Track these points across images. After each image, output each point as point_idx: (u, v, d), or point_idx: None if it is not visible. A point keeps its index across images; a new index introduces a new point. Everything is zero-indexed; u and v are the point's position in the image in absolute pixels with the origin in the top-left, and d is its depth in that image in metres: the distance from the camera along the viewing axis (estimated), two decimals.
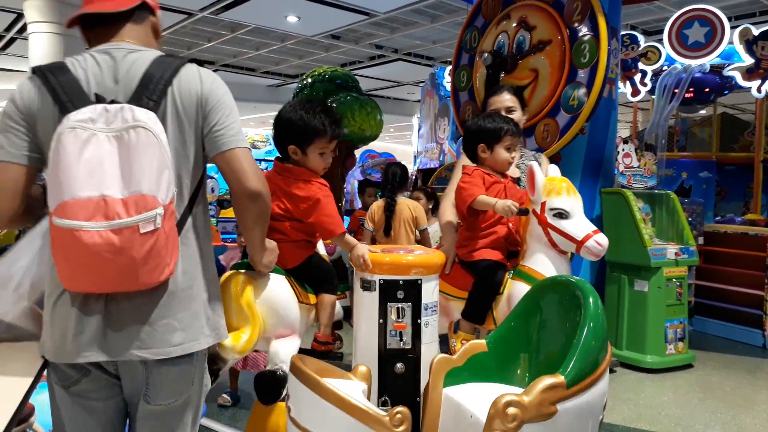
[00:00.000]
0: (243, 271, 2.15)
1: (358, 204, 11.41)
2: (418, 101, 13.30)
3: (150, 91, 1.49)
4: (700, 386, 4.62)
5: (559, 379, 1.57)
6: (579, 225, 2.31)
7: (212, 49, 14.68)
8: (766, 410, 4.13)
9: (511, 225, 2.58)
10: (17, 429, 2.07)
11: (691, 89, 7.32)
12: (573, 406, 1.59)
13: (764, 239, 5.88)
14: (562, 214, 2.33)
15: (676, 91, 7.07)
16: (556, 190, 2.36)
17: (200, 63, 1.65)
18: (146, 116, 1.42)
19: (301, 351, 2.21)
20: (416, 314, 2.07)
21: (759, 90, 6.71)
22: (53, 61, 1.62)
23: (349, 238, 2.25)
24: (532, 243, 2.43)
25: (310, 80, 7.16)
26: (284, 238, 2.21)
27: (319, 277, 2.32)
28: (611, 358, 1.78)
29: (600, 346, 1.70)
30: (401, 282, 2.07)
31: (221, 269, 2.04)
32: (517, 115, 2.90)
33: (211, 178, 12.66)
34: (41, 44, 11.00)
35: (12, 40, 14.41)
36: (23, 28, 12.20)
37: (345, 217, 9.56)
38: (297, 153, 2.25)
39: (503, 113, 2.84)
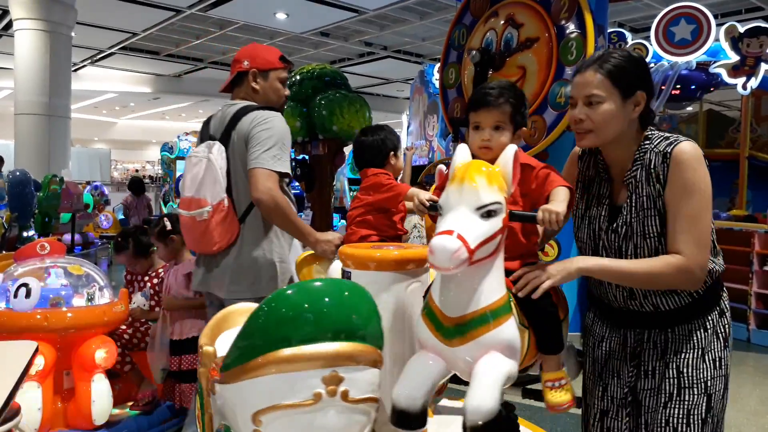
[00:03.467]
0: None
1: (348, 202, 11.41)
2: (408, 98, 13.31)
3: (224, 132, 2.47)
4: None
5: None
6: (441, 224, 1.61)
7: (201, 46, 14.61)
8: (750, 404, 4.18)
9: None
10: (3, 428, 2.06)
11: (677, 86, 7.38)
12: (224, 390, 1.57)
13: (749, 235, 5.95)
14: (435, 208, 1.73)
15: (663, 87, 7.13)
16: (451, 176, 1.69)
17: (188, 60, 1.75)
18: (216, 149, 2.41)
19: None
20: None
21: (744, 87, 6.77)
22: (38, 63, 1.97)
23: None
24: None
25: (298, 77, 7.14)
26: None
27: None
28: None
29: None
30: (345, 272, 1.93)
31: None
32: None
33: None
34: (27, 41, 10.90)
35: None
36: (9, 25, 12.08)
37: (335, 215, 9.56)
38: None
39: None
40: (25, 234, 8.00)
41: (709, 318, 1.73)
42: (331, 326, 1.56)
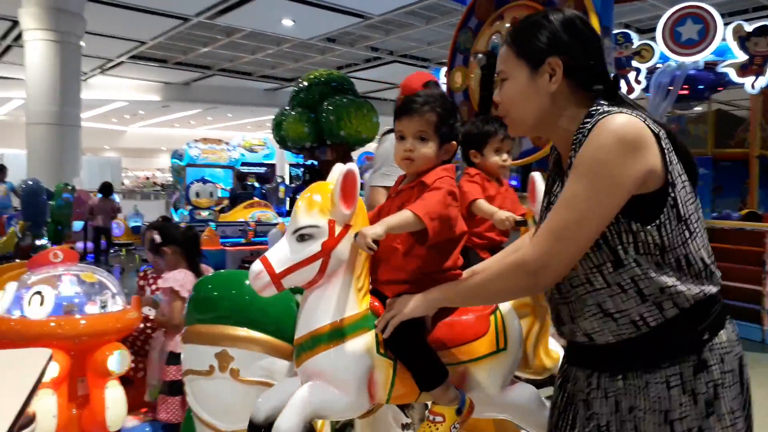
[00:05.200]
0: None
1: None
2: None
3: None
4: None
5: None
6: None
7: (208, 53, 14.71)
8: (765, 406, 4.14)
9: None
10: None
11: (685, 86, 7.35)
12: None
13: (762, 234, 5.91)
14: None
15: (671, 88, 7.10)
16: None
17: (197, 68, 1.74)
18: None
19: None
20: None
21: (753, 86, 6.74)
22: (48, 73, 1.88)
23: None
24: None
25: (306, 83, 7.19)
26: None
27: None
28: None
29: None
30: None
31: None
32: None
33: (209, 182, 12.66)
34: (37, 51, 11.02)
35: (8, 48, 14.42)
36: (19, 36, 12.22)
37: None
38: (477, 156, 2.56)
39: None
40: (38, 242, 8.07)
41: (675, 370, 1.23)
42: (230, 312, 1.93)
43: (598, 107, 1.28)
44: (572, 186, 1.24)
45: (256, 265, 1.55)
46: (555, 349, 1.92)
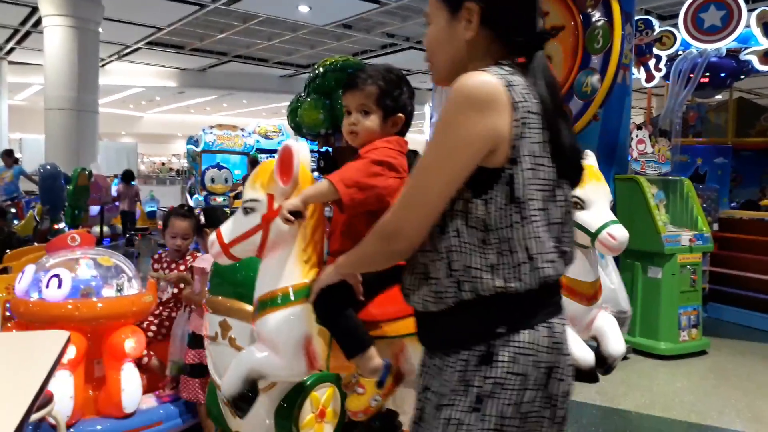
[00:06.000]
0: None
1: None
2: (430, 90, 13.23)
3: None
4: (714, 373, 4.60)
5: None
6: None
7: (224, 40, 14.70)
8: None
9: None
10: (36, 415, 2.12)
11: (706, 74, 7.21)
12: None
13: None
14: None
15: (692, 76, 6.98)
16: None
17: (213, 54, 1.75)
18: None
19: None
20: None
21: None
22: (67, 59, 1.91)
23: None
24: None
25: (321, 70, 7.14)
26: None
27: None
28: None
29: None
30: None
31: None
32: None
33: (224, 168, 12.68)
34: (56, 37, 11.09)
35: (27, 34, 14.52)
36: (38, 22, 12.29)
37: None
38: None
39: None
40: (56, 226, 8.16)
41: (464, 355, 1.14)
42: (230, 286, 2.15)
43: (498, 65, 1.17)
44: (427, 150, 1.17)
45: (212, 236, 1.79)
46: None
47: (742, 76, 7.79)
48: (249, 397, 1.70)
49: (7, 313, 3.11)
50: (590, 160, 2.11)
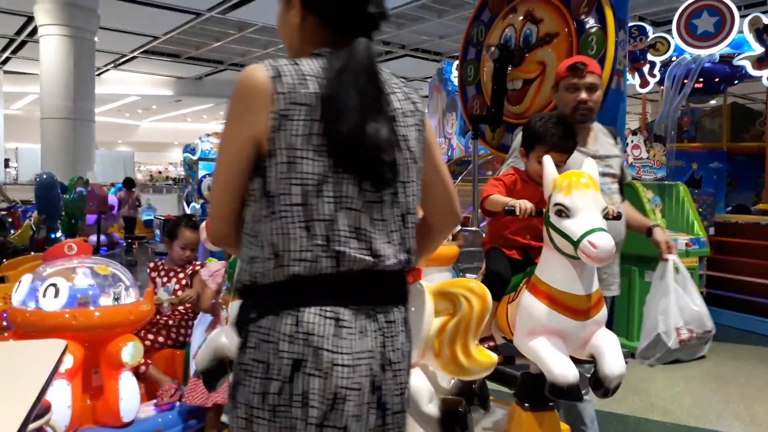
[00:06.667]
0: None
1: None
2: (426, 97, 13.29)
3: None
4: (713, 377, 4.60)
5: None
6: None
7: (220, 48, 14.74)
8: None
9: None
10: (34, 425, 2.11)
11: (700, 80, 7.27)
12: None
13: None
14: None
15: (686, 81, 7.03)
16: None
17: (209, 62, 1.75)
18: None
19: None
20: None
21: None
22: (62, 68, 1.90)
23: None
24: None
25: None
26: None
27: None
28: None
29: None
30: None
31: None
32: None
33: None
34: (51, 47, 11.10)
35: (23, 43, 14.53)
36: (34, 31, 12.31)
37: None
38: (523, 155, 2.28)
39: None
40: (52, 235, 8.14)
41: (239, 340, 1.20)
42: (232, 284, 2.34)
43: (311, 54, 1.17)
44: None
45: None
46: (489, 353, 1.91)
47: (736, 82, 7.85)
48: (216, 374, 1.72)
49: (4, 323, 3.09)
50: (587, 166, 1.98)
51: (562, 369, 1.90)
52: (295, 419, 1.06)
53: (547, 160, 1.97)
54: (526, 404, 2.04)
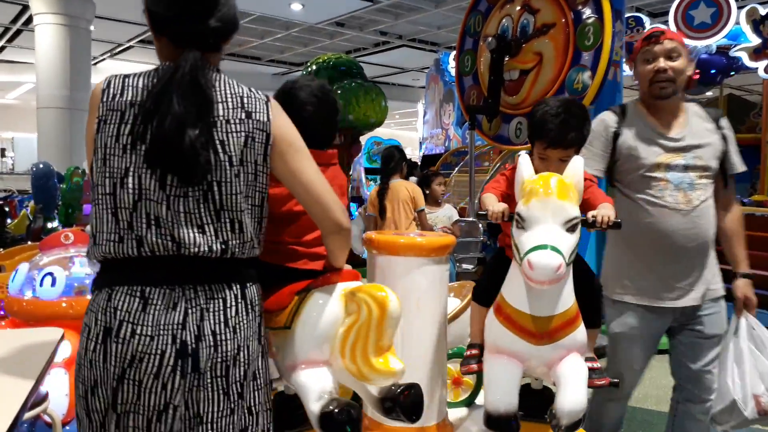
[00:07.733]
0: None
1: (365, 191, 11.43)
2: (423, 87, 13.27)
3: None
4: None
5: None
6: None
7: None
8: None
9: None
10: (31, 413, 2.13)
11: (697, 71, 7.26)
12: None
13: None
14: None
15: None
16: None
17: None
18: None
19: None
20: None
21: (766, 70, 6.66)
22: (58, 57, 2.09)
23: None
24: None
25: (314, 67, 7.16)
26: None
27: None
28: None
29: None
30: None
31: None
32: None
33: None
34: (47, 36, 11.02)
35: (18, 32, 14.44)
36: (29, 20, 12.22)
37: (352, 204, 9.58)
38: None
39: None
40: (49, 225, 8.14)
41: None
42: None
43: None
44: None
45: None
46: (393, 363, 1.58)
47: (732, 73, 7.85)
48: None
49: (1, 312, 3.11)
50: (572, 167, 1.73)
51: (494, 397, 1.80)
52: (104, 371, 1.30)
53: (523, 160, 1.75)
54: (521, 412, 1.91)
